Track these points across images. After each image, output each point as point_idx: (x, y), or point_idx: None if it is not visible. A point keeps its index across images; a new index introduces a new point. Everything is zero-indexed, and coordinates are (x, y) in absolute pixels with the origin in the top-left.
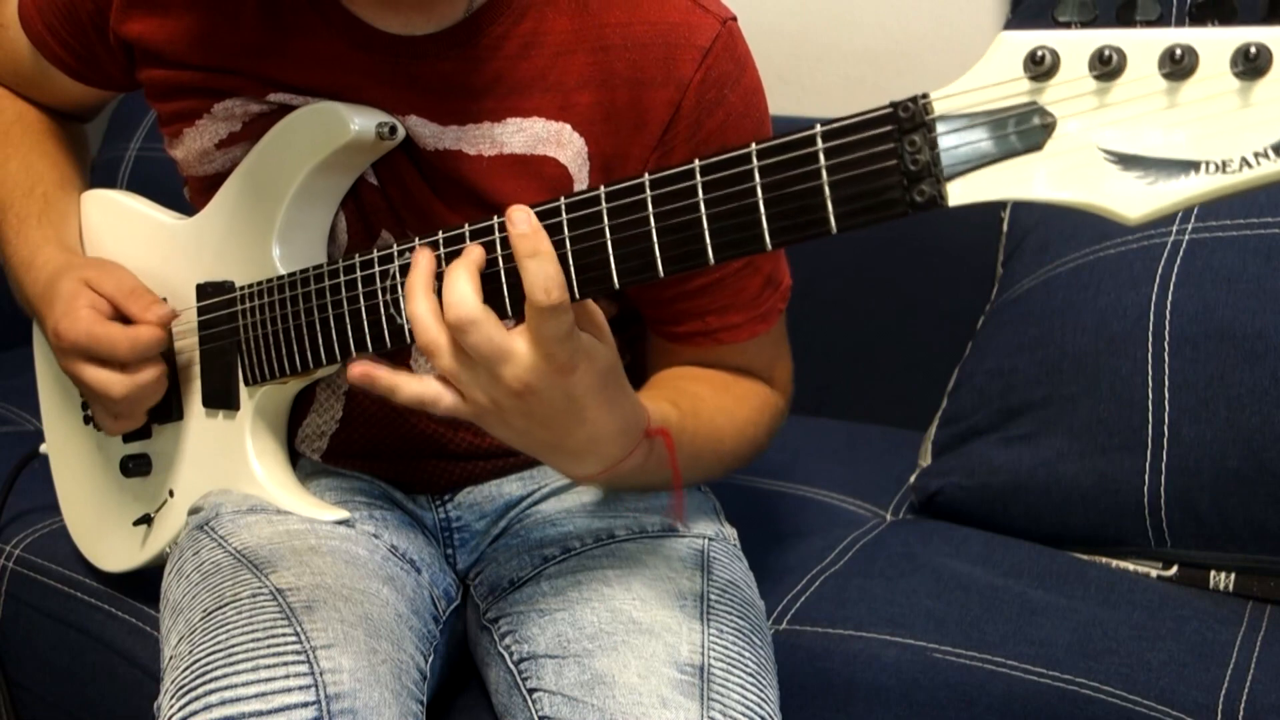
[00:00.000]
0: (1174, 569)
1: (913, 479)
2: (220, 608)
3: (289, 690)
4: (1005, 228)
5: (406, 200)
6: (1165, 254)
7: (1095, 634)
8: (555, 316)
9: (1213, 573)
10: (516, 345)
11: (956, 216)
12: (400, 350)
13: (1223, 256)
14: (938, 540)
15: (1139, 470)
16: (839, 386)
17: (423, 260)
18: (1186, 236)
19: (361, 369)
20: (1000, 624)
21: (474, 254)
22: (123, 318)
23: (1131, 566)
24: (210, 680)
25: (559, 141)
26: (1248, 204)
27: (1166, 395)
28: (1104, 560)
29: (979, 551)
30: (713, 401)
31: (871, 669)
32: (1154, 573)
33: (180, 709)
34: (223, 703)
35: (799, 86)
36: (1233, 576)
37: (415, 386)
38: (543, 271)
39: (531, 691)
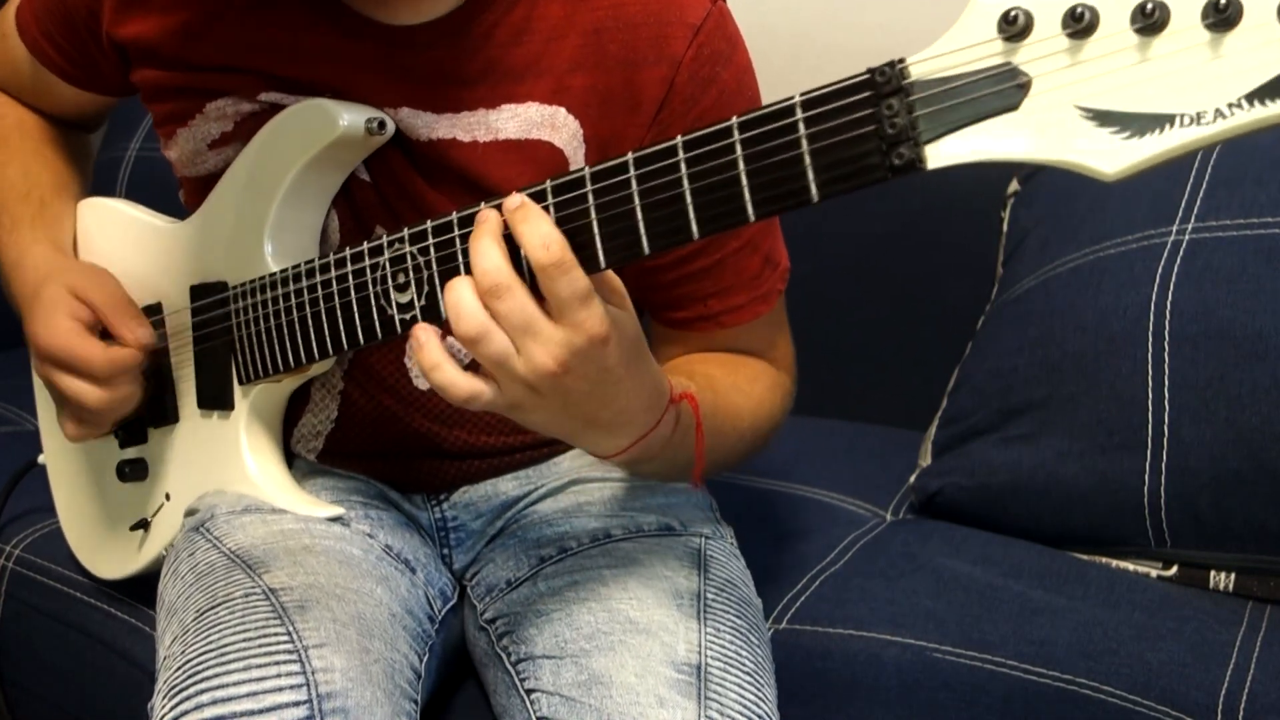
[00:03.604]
0: (1174, 569)
1: (913, 479)
2: (213, 608)
3: (280, 689)
4: (1005, 228)
5: (400, 194)
6: (1165, 254)
7: (1095, 634)
8: (563, 274)
9: (1213, 573)
10: (545, 320)
11: (957, 216)
12: (392, 345)
13: (1223, 256)
14: (938, 540)
15: (1139, 470)
16: (839, 386)
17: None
18: (1186, 236)
19: (422, 328)
20: (1000, 624)
21: (492, 221)
22: (105, 329)
23: (1131, 566)
24: (202, 680)
25: (553, 125)
26: (1248, 204)
27: (1166, 395)
28: (1104, 560)
29: (979, 551)
30: (727, 380)
31: (871, 669)
32: (1154, 573)
33: (172, 709)
34: (214, 702)
35: (799, 87)
36: (1233, 576)
37: (458, 375)
38: (537, 230)
39: (529, 692)
